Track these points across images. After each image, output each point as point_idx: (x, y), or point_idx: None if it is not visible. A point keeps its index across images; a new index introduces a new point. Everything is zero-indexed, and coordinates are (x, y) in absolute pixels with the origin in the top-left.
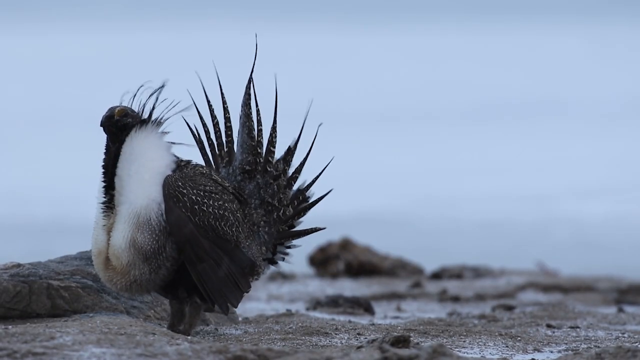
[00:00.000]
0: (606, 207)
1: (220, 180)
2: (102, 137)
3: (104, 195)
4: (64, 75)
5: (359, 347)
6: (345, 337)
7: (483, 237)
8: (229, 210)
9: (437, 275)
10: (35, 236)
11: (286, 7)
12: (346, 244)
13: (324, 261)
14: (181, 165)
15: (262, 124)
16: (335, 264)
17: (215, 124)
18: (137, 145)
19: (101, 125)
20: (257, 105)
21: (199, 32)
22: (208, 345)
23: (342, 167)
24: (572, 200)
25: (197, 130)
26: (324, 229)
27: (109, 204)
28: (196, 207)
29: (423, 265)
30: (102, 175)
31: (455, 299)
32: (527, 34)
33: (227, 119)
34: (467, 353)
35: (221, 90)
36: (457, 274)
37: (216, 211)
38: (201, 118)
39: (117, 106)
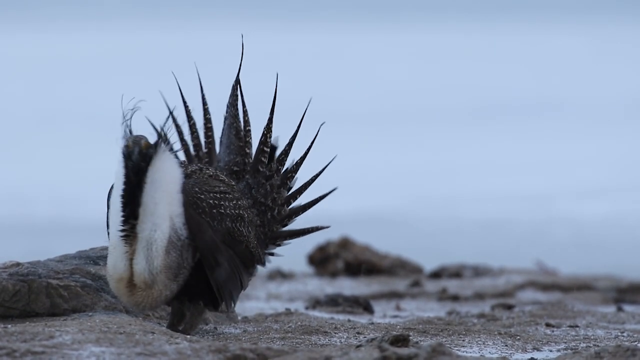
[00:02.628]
0: (606, 207)
1: (227, 179)
2: (103, 138)
3: (123, 224)
4: (65, 74)
5: (358, 346)
6: (345, 336)
7: (482, 236)
8: (242, 208)
9: (436, 275)
10: (35, 236)
11: (287, 6)
12: (345, 243)
13: (323, 260)
14: (189, 172)
15: (251, 125)
16: (334, 263)
17: (192, 125)
18: (157, 171)
19: (134, 162)
20: (244, 106)
21: (198, 32)
22: (207, 344)
23: (342, 166)
24: (572, 200)
25: (161, 131)
26: (327, 227)
27: (131, 232)
28: (214, 211)
29: (422, 264)
30: (122, 206)
31: (455, 298)
32: (528, 33)
33: (208, 120)
34: (467, 352)
35: (202, 90)
36: (456, 273)
37: (232, 211)
38: (174, 119)
39: (138, 138)
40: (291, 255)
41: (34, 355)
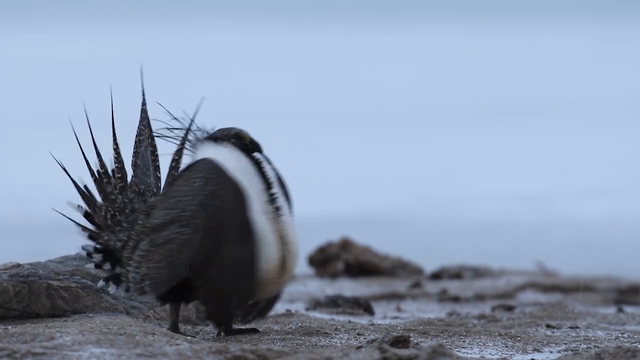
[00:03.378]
0: (606, 207)
1: None
2: (104, 138)
3: (271, 207)
4: (65, 74)
5: (358, 347)
6: (345, 337)
7: (483, 237)
8: None
9: (436, 276)
10: (35, 236)
11: (286, 6)
12: (346, 244)
13: (323, 261)
14: None
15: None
16: (334, 264)
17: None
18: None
19: (259, 150)
20: (149, 127)
21: (198, 32)
22: (208, 345)
23: (342, 166)
24: (572, 200)
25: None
26: None
27: (276, 214)
28: None
29: (423, 266)
30: (269, 189)
31: (455, 299)
32: (528, 33)
33: (117, 144)
34: (467, 353)
35: (112, 111)
36: (456, 274)
37: None
38: (79, 146)
39: (241, 130)
40: None
41: (34, 356)
